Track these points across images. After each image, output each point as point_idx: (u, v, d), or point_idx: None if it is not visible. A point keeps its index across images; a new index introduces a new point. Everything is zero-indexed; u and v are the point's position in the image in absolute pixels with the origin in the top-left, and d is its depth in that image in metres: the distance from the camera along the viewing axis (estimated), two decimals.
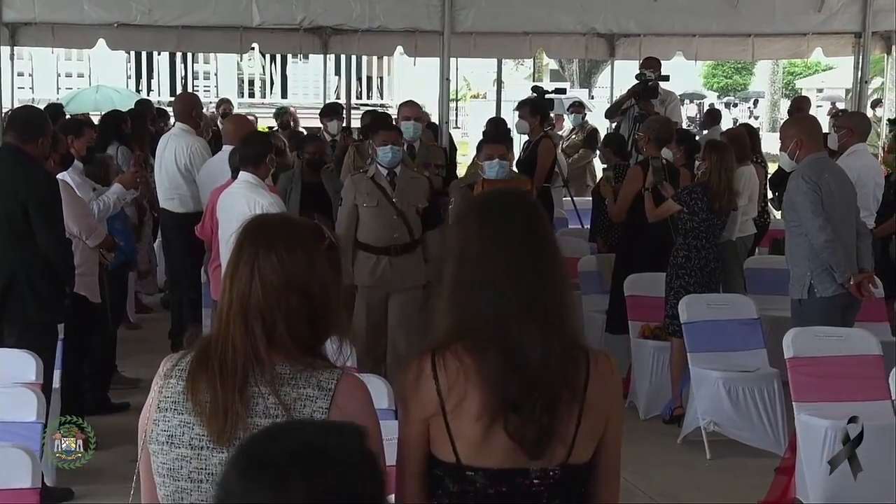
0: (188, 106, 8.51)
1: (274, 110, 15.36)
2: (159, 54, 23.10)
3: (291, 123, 13.61)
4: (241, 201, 5.99)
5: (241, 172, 6.18)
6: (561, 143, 13.22)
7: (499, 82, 17.39)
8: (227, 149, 7.27)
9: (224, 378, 2.23)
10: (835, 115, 15.67)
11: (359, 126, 11.61)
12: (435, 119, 11.49)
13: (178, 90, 22.64)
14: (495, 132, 8.74)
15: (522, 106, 9.95)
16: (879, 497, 5.25)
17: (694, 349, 6.60)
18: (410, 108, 8.85)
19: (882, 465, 5.24)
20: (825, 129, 12.76)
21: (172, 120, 9.86)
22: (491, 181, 6.82)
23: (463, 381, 2.30)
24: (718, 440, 6.48)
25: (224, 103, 15.89)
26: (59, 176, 6.55)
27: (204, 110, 10.14)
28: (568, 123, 15.07)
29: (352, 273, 6.64)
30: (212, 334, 2.30)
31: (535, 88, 11.02)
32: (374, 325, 6.77)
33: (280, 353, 2.26)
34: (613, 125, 11.26)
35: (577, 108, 14.43)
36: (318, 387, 2.24)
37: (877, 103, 18.79)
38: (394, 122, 8.38)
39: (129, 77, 25.46)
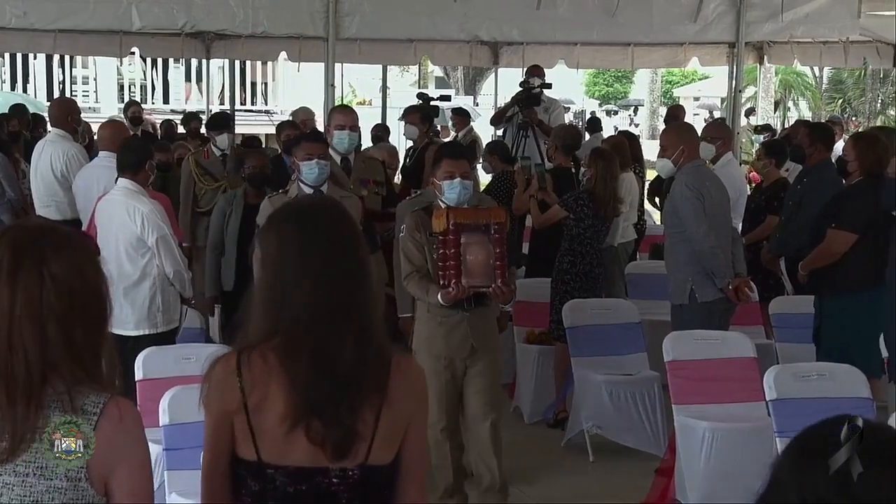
0: (64, 111, 8.28)
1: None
2: (35, 57, 22.46)
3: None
4: (119, 209, 5.87)
5: (119, 179, 6.04)
6: None
7: (384, 89, 17.32)
8: (103, 155, 7.12)
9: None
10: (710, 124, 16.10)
11: (245, 135, 11.27)
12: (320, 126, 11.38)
13: (56, 95, 22.01)
14: (455, 145, 7.52)
15: (412, 112, 9.96)
16: (755, 496, 5.37)
17: (577, 353, 6.68)
18: (345, 115, 7.10)
19: (758, 464, 5.37)
20: None
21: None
22: (457, 210, 5.11)
23: (266, 380, 2.33)
24: (601, 443, 6.57)
25: (133, 106, 15.02)
26: None
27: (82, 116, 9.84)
28: (452, 132, 14.97)
29: None
30: None
31: (420, 95, 11.07)
32: None
33: (51, 368, 2.13)
34: (499, 132, 11.36)
35: (457, 116, 12.91)
36: (81, 410, 2.12)
37: (751, 112, 19.37)
38: (322, 132, 7.07)
39: (3, 81, 24.68)
